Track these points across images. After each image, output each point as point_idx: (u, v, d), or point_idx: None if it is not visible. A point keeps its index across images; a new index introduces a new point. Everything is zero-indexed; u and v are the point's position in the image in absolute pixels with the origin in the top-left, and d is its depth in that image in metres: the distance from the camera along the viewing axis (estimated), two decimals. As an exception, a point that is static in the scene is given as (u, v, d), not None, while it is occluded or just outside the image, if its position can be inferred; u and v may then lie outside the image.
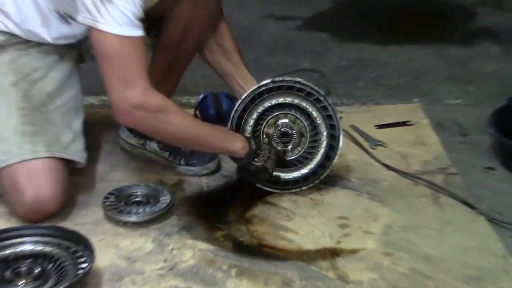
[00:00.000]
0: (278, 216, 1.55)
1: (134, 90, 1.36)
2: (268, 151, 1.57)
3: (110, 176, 1.73)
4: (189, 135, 1.46)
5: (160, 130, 1.43)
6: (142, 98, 1.36)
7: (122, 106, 1.37)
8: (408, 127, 2.03)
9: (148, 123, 1.41)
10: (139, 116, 1.38)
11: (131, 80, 1.36)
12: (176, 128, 1.43)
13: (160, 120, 1.40)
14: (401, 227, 1.51)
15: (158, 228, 1.50)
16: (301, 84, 1.64)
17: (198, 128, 1.48)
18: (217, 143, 1.52)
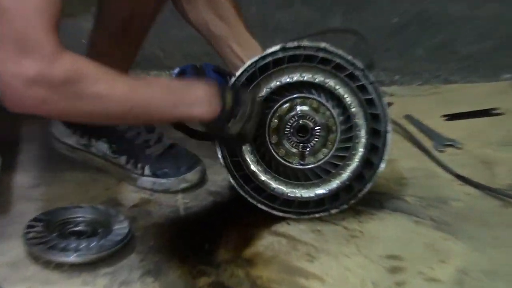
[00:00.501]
0: (294, 255, 1.56)
1: (31, 58, 1.34)
2: (250, 103, 1.58)
3: (36, 193, 1.74)
4: (122, 108, 1.45)
5: (77, 111, 1.42)
6: (42, 67, 1.35)
7: (11, 84, 1.35)
8: (495, 117, 2.05)
9: (55, 105, 1.39)
10: (38, 97, 1.36)
11: (27, 43, 1.34)
12: (100, 103, 1.42)
13: (72, 95, 1.39)
14: (483, 272, 1.50)
15: (110, 273, 1.50)
16: (327, 52, 1.64)
17: (135, 94, 1.47)
18: (169, 111, 1.52)
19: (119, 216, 1.60)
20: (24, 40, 1.33)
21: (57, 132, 1.86)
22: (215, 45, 1.76)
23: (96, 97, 1.40)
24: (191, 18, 1.77)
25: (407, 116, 2.05)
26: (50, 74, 1.35)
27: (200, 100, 1.53)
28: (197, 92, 1.54)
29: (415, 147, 1.93)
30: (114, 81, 1.44)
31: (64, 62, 1.37)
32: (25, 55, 1.34)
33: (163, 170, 1.75)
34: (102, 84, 1.41)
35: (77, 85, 1.38)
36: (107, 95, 1.42)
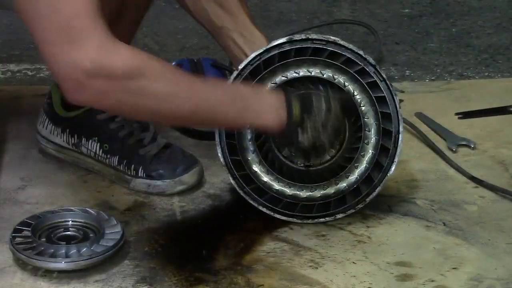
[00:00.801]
0: (297, 261, 1.57)
1: (84, 46, 1.35)
2: (324, 106, 1.56)
3: (23, 196, 1.75)
4: (185, 110, 1.46)
5: (137, 107, 1.43)
6: (99, 57, 1.35)
7: (71, 75, 1.36)
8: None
9: (115, 98, 1.40)
10: (100, 89, 1.37)
11: (76, 31, 1.35)
12: (161, 101, 1.43)
13: (134, 90, 1.40)
14: (498, 280, 1.52)
15: (102, 280, 1.52)
16: (337, 46, 1.65)
17: (199, 98, 1.47)
18: (232, 119, 1.52)
19: (111, 220, 1.61)
20: (71, 29, 1.34)
21: (44, 130, 1.87)
22: (217, 36, 1.76)
23: (159, 94, 1.41)
24: (190, 7, 1.77)
25: (419, 114, 2.05)
26: (110, 65, 1.36)
27: (267, 108, 1.53)
28: (265, 99, 1.54)
29: (426, 147, 1.93)
30: (179, 80, 1.45)
31: (123, 53, 1.38)
32: (76, 45, 1.34)
33: (158, 172, 1.76)
34: (166, 82, 1.42)
35: (139, 80, 1.39)
36: (171, 94, 1.43)
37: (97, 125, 1.79)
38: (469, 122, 2.04)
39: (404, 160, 1.82)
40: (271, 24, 2.59)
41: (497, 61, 2.37)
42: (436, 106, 2.10)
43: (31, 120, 1.90)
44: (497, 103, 2.10)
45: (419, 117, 2.04)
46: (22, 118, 1.99)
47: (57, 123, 1.85)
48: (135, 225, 1.66)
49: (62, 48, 1.35)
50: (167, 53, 2.41)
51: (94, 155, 1.81)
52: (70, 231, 1.61)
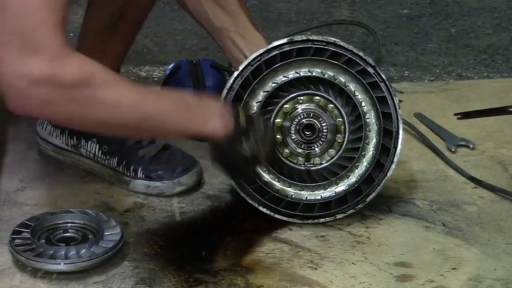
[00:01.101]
0: (296, 262, 1.57)
1: (36, 56, 1.34)
2: (262, 125, 1.59)
3: (23, 197, 1.75)
4: (132, 119, 1.46)
5: (83, 117, 1.42)
6: (48, 67, 1.35)
7: (15, 83, 1.35)
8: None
9: (61, 108, 1.39)
10: (44, 98, 1.36)
11: (33, 41, 1.34)
12: (108, 110, 1.43)
13: (80, 100, 1.39)
14: (498, 280, 1.52)
15: (102, 281, 1.52)
16: (337, 47, 1.66)
17: (146, 107, 1.47)
18: (179, 126, 1.52)
19: (110, 221, 1.61)
20: (29, 38, 1.33)
21: (43, 132, 1.87)
22: (216, 37, 1.77)
23: (106, 103, 1.41)
24: (190, 7, 1.77)
25: (418, 114, 2.06)
26: (58, 75, 1.35)
27: (213, 115, 1.53)
28: (211, 107, 1.54)
29: (426, 148, 1.94)
30: (125, 89, 1.44)
31: (74, 64, 1.37)
32: (31, 53, 1.33)
33: (157, 173, 1.77)
34: (113, 91, 1.42)
35: (87, 89, 1.38)
36: (118, 102, 1.42)
37: None
38: (468, 122, 2.04)
39: (403, 160, 1.83)
40: (270, 24, 2.59)
41: (496, 61, 2.37)
42: (435, 107, 2.11)
43: (31, 121, 1.90)
44: (496, 103, 2.11)
45: (419, 117, 2.05)
46: (21, 120, 1.99)
47: (56, 125, 1.85)
48: (134, 226, 1.66)
49: (14, 55, 1.34)
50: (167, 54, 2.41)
51: (93, 157, 1.81)
52: (69, 233, 1.61)
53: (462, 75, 2.30)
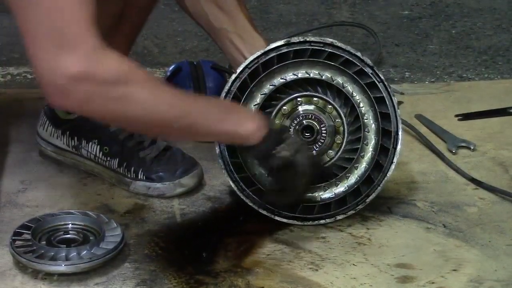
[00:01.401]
0: (297, 263, 1.57)
1: (73, 53, 1.36)
2: (295, 137, 1.60)
3: (23, 199, 1.75)
4: (169, 117, 1.47)
5: (121, 114, 1.44)
6: (87, 63, 1.37)
7: (54, 80, 1.37)
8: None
9: (99, 105, 1.41)
10: (83, 94, 1.38)
11: (68, 38, 1.36)
12: (145, 108, 1.44)
13: (118, 97, 1.40)
14: (498, 281, 1.52)
15: (102, 283, 1.52)
16: (335, 48, 1.66)
17: (182, 105, 1.48)
18: (214, 126, 1.53)
19: (111, 223, 1.61)
20: (63, 35, 1.35)
21: (44, 133, 1.87)
22: (216, 38, 1.77)
23: (143, 101, 1.42)
24: (190, 9, 1.77)
25: (418, 116, 2.06)
26: (96, 72, 1.37)
27: (247, 118, 1.54)
28: (245, 111, 1.57)
29: (426, 149, 1.94)
30: (161, 88, 1.46)
31: (110, 60, 1.38)
32: (66, 50, 1.35)
33: (157, 174, 1.77)
34: (150, 89, 1.43)
35: (124, 87, 1.40)
36: (154, 101, 1.44)
37: (97, 127, 1.79)
38: (469, 123, 2.04)
39: (404, 161, 1.83)
40: (270, 26, 2.60)
41: (497, 63, 2.37)
42: (436, 108, 2.11)
43: (31, 123, 1.91)
44: (497, 104, 2.11)
45: (419, 118, 2.05)
46: (22, 121, 1.99)
47: (57, 125, 1.85)
48: (135, 228, 1.66)
49: (50, 53, 1.36)
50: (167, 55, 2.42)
51: (94, 158, 1.81)
52: (70, 234, 1.61)
53: (463, 76, 2.30)
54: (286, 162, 1.55)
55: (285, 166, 1.56)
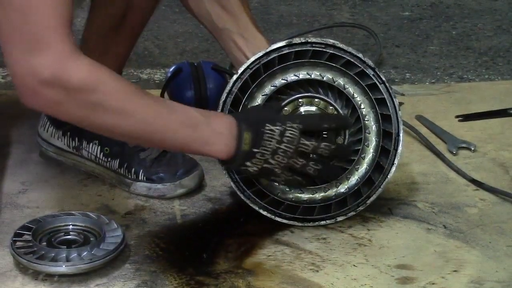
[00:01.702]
0: (298, 264, 1.57)
1: (46, 56, 1.37)
2: (278, 133, 1.55)
3: (24, 199, 1.76)
4: (136, 129, 1.48)
5: (90, 120, 1.45)
6: (57, 68, 1.38)
7: (26, 81, 1.39)
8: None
9: (68, 110, 1.43)
10: (53, 98, 1.40)
11: (42, 41, 1.37)
12: (114, 118, 1.45)
13: (87, 103, 1.42)
14: (499, 282, 1.52)
15: (103, 284, 1.52)
16: (336, 49, 1.66)
17: (151, 119, 1.49)
18: (181, 145, 1.55)
19: (112, 224, 1.62)
20: (37, 37, 1.36)
21: (45, 133, 1.87)
22: (219, 38, 1.77)
23: (112, 111, 1.43)
24: (193, 9, 1.77)
25: (419, 117, 2.06)
26: (66, 77, 1.38)
27: (215, 139, 1.54)
28: (215, 130, 1.54)
29: (427, 150, 1.94)
30: (133, 99, 1.46)
31: (82, 67, 1.39)
32: (38, 53, 1.36)
33: (158, 175, 1.77)
34: (119, 100, 1.44)
35: (93, 94, 1.41)
36: (124, 112, 1.45)
37: None
38: (470, 124, 2.04)
39: (404, 162, 1.83)
40: (271, 27, 2.60)
41: (497, 64, 2.38)
42: (436, 109, 2.11)
43: (32, 124, 1.91)
44: (498, 105, 2.11)
45: (420, 119, 2.05)
46: (23, 122, 1.99)
47: (58, 126, 1.85)
48: (135, 229, 1.67)
49: (23, 54, 1.37)
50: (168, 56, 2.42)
51: (95, 158, 1.81)
52: (70, 235, 1.61)
53: (463, 77, 2.30)
54: (254, 175, 1.59)
55: (258, 175, 1.60)
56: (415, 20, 2.63)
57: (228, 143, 1.55)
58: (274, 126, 1.56)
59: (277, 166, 1.57)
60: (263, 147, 1.55)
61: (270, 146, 1.56)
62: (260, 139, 1.55)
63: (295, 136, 1.56)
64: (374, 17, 2.62)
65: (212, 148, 1.54)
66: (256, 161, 1.56)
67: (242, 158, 1.56)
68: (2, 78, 2.27)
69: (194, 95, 1.99)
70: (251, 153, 1.55)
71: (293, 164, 1.58)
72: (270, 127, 1.56)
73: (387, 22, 2.59)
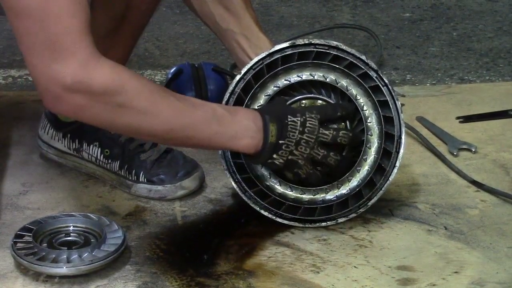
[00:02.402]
0: (298, 266, 1.57)
1: (67, 62, 1.39)
2: (300, 126, 1.56)
3: (25, 201, 1.76)
4: (162, 128, 1.50)
5: (116, 122, 1.47)
6: (80, 74, 1.39)
7: (50, 88, 1.40)
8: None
9: (93, 113, 1.44)
10: (78, 103, 1.41)
11: (62, 47, 1.38)
12: (139, 118, 1.47)
13: (112, 106, 1.43)
14: (500, 284, 1.52)
15: (104, 285, 1.52)
16: (339, 51, 1.66)
17: (177, 117, 1.50)
18: (209, 140, 1.55)
19: (112, 225, 1.62)
20: (58, 45, 1.37)
21: (45, 135, 1.87)
22: (222, 39, 1.78)
23: (136, 112, 1.45)
24: (197, 9, 1.78)
25: (420, 118, 2.06)
26: (89, 82, 1.40)
27: (242, 133, 1.55)
28: (241, 123, 1.56)
29: (428, 151, 1.94)
30: (157, 98, 1.47)
31: (104, 70, 1.41)
32: (60, 60, 1.38)
33: (159, 177, 1.77)
34: (144, 100, 1.45)
35: (118, 97, 1.42)
36: (148, 112, 1.46)
37: (98, 130, 1.80)
38: (470, 126, 2.04)
39: (405, 164, 1.83)
40: (272, 28, 2.60)
41: (498, 65, 2.38)
42: (437, 110, 2.11)
43: (32, 125, 1.91)
44: (498, 107, 2.11)
45: (420, 121, 2.05)
46: (23, 123, 2.00)
47: (58, 128, 1.85)
48: (136, 230, 1.67)
49: (45, 61, 1.39)
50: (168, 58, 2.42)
51: (95, 160, 1.82)
52: (71, 236, 1.62)
53: (464, 79, 2.30)
54: (280, 168, 1.59)
55: (283, 168, 1.60)
56: (415, 21, 2.63)
57: (255, 135, 1.56)
58: (295, 117, 1.57)
59: (301, 157, 1.58)
60: (288, 138, 1.56)
61: (294, 137, 1.57)
62: (285, 130, 1.56)
63: (315, 126, 1.58)
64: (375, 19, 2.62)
65: (240, 143, 1.55)
66: (282, 153, 1.57)
67: (270, 150, 1.56)
68: (3, 80, 2.27)
69: (194, 96, 1.99)
70: (278, 145, 1.56)
71: (314, 155, 1.59)
72: (292, 119, 1.57)
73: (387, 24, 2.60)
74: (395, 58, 2.40)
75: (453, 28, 2.59)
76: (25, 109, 2.09)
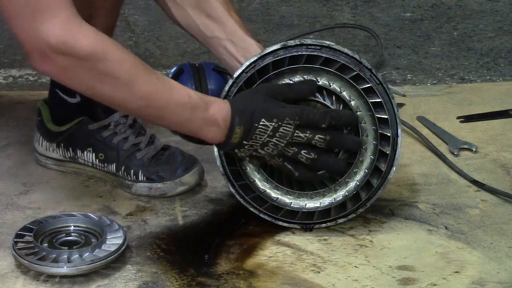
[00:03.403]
0: (299, 266, 1.58)
1: (50, 22, 1.40)
2: (271, 131, 1.56)
3: (25, 201, 1.76)
4: (136, 103, 1.51)
5: (95, 88, 1.48)
6: (64, 35, 1.41)
7: (35, 47, 1.42)
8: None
9: (77, 77, 1.46)
10: (62, 64, 1.43)
11: (45, 7, 1.40)
12: (117, 88, 1.48)
13: (95, 72, 1.45)
14: (501, 283, 1.52)
15: (104, 285, 1.52)
16: (332, 50, 1.65)
17: (153, 95, 1.52)
18: (179, 123, 1.58)
19: (113, 225, 1.62)
20: (41, 5, 1.40)
21: (40, 148, 1.87)
22: (210, 47, 1.77)
23: (118, 80, 1.47)
24: (181, 22, 1.77)
25: (420, 118, 2.06)
26: (73, 43, 1.42)
27: (211, 125, 1.57)
28: (212, 117, 1.57)
29: (428, 151, 1.94)
30: (138, 72, 1.50)
31: (88, 34, 1.43)
32: (44, 20, 1.40)
33: (158, 174, 1.77)
34: (125, 71, 1.47)
35: (101, 63, 1.44)
36: (128, 84, 1.48)
37: (89, 135, 1.80)
38: (471, 125, 2.05)
39: (405, 164, 1.83)
40: (272, 28, 2.60)
41: (499, 65, 2.38)
42: (437, 110, 2.11)
43: (33, 125, 1.91)
44: (499, 106, 2.12)
45: (421, 120, 2.05)
46: (24, 123, 2.00)
47: (51, 139, 1.85)
48: (137, 230, 1.67)
49: (29, 20, 1.41)
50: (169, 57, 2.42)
51: (92, 165, 1.82)
52: (72, 236, 1.62)
53: (465, 79, 2.30)
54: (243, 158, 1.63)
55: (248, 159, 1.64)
56: (416, 21, 2.63)
57: (221, 132, 1.58)
58: (270, 122, 1.57)
59: (267, 155, 1.60)
60: (253, 140, 1.58)
61: (261, 139, 1.58)
62: (252, 133, 1.57)
63: (288, 132, 1.58)
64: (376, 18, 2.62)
65: (207, 134, 1.58)
66: (244, 151, 1.59)
67: (231, 147, 1.59)
68: (4, 79, 2.27)
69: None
70: (241, 144, 1.58)
71: (283, 153, 1.60)
72: (264, 123, 1.57)
73: (388, 23, 2.60)
74: (395, 58, 2.40)
75: (454, 28, 2.59)
76: (26, 109, 2.09)
